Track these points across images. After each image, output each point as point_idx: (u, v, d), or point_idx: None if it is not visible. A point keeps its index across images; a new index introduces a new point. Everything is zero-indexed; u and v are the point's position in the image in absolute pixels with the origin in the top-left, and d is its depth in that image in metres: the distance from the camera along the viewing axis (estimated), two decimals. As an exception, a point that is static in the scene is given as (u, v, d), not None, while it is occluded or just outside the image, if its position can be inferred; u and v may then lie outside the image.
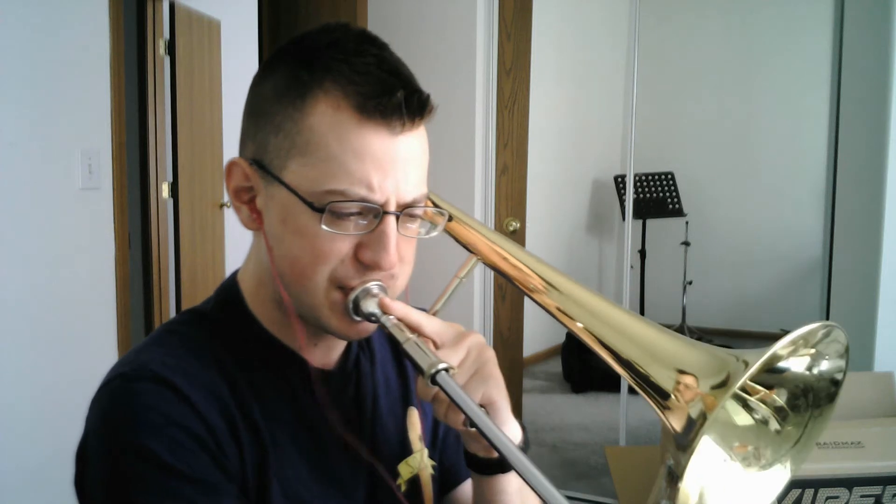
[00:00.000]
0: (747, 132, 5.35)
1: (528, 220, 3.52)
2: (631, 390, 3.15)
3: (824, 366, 0.72)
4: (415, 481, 0.86)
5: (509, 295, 3.45)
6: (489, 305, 3.39)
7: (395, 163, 0.70)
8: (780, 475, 0.74)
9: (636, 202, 4.82)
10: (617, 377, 3.37)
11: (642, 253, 5.08)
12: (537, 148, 3.82)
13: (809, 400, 0.72)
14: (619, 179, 5.01)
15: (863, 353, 2.35)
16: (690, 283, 5.10)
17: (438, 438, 0.92)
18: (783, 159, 5.20)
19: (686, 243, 5.12)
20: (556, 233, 5.20)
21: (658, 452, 2.14)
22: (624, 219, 3.54)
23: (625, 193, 3.70)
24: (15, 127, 2.22)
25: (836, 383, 0.72)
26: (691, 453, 0.64)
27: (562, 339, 4.64)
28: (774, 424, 0.73)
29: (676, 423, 0.66)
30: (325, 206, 0.69)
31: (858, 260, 2.48)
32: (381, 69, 0.70)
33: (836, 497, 1.61)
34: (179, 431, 0.68)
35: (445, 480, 0.92)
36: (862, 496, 1.61)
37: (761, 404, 0.74)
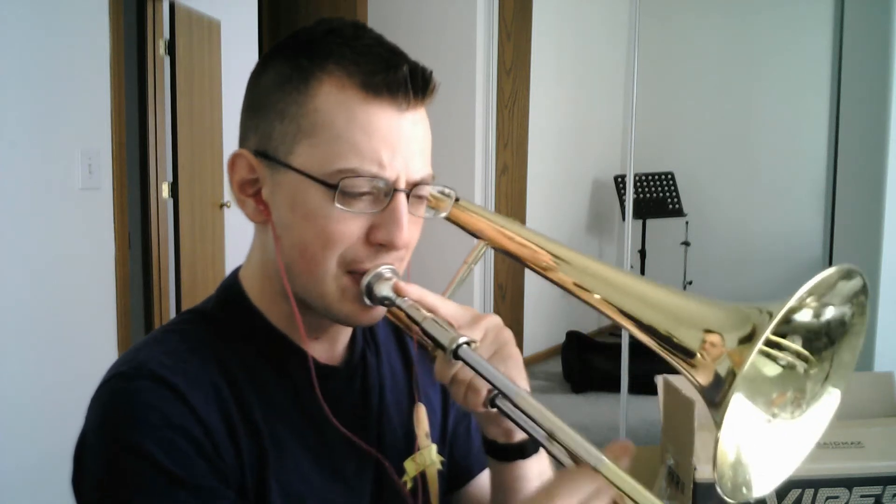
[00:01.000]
0: (747, 132, 5.35)
1: (528, 220, 3.52)
2: (631, 390, 3.15)
3: (832, 312, 0.71)
4: (421, 478, 0.85)
5: (509, 295, 3.45)
6: (489, 305, 3.39)
7: (403, 140, 0.70)
8: (830, 401, 0.74)
9: (636, 202, 4.82)
10: (617, 377, 3.34)
11: (642, 253, 5.09)
12: (537, 148, 3.82)
13: (828, 340, 0.72)
14: (619, 179, 5.01)
15: (863, 353, 2.34)
16: (690, 283, 5.10)
17: (447, 434, 0.91)
18: (783, 159, 5.21)
19: (686, 243, 5.13)
20: (556, 233, 5.16)
21: (658, 452, 2.14)
22: (624, 219, 3.55)
23: (625, 193, 3.70)
24: (15, 127, 2.22)
25: (854, 319, 0.72)
26: (725, 408, 0.63)
27: (562, 339, 4.64)
28: (802, 366, 0.73)
29: (704, 379, 0.66)
30: (337, 184, 0.69)
31: (858, 260, 2.48)
32: (382, 48, 0.71)
33: (836, 497, 1.61)
34: (177, 434, 0.67)
35: (456, 476, 0.91)
36: (862, 496, 1.61)
37: (781, 354, 0.73)
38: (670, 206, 5.08)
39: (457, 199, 0.83)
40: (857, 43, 2.51)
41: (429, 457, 0.86)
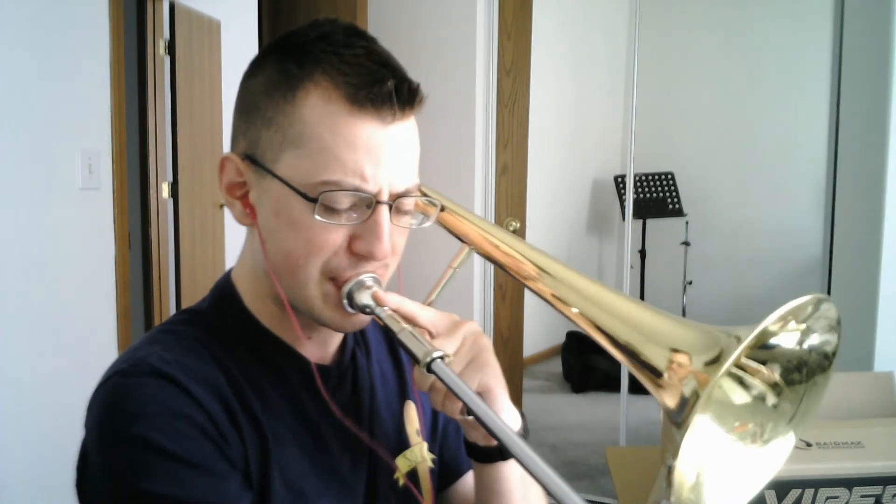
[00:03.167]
0: (747, 132, 5.35)
1: (528, 220, 3.52)
2: (631, 390, 3.15)
3: (815, 340, 0.72)
4: (413, 475, 0.86)
5: (509, 295, 3.45)
6: (489, 305, 3.39)
7: (387, 153, 0.71)
8: (784, 444, 0.74)
9: (636, 202, 4.82)
10: (617, 377, 3.34)
11: (642, 253, 5.09)
12: (537, 148, 3.82)
13: (803, 374, 0.72)
14: (619, 179, 5.01)
15: (863, 353, 2.35)
16: (690, 283, 5.10)
17: (438, 432, 0.92)
18: (783, 159, 5.20)
19: (686, 243, 5.12)
20: (556, 233, 5.20)
21: (658, 452, 2.14)
22: (624, 219, 3.54)
23: (625, 193, 3.70)
24: (15, 127, 2.22)
25: (829, 357, 0.72)
26: (685, 430, 0.64)
27: (562, 339, 4.64)
28: (771, 399, 0.73)
29: (670, 401, 0.66)
30: (318, 197, 0.69)
31: (858, 260, 2.48)
32: (370, 60, 0.71)
33: (836, 497, 1.61)
34: (181, 420, 0.68)
35: (446, 474, 0.92)
36: (862, 496, 1.61)
37: (756, 381, 0.73)
38: (670, 206, 5.08)
39: (442, 208, 0.84)
40: (857, 43, 2.51)
41: (420, 454, 0.86)
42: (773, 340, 0.71)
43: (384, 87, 0.70)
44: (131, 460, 0.66)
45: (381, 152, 0.70)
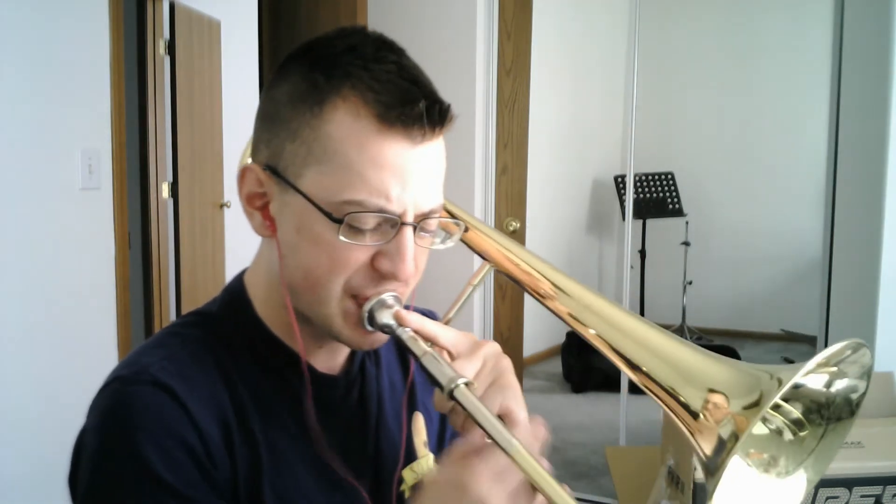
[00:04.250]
0: (747, 132, 5.35)
1: (528, 220, 3.52)
2: (631, 390, 3.15)
3: (844, 384, 0.70)
4: (419, 487, 0.85)
5: (509, 295, 3.45)
6: (489, 305, 3.39)
7: (414, 173, 0.70)
8: (797, 484, 0.72)
9: (636, 202, 4.82)
10: (617, 377, 3.33)
11: (642, 253, 5.09)
12: (537, 148, 3.82)
13: (826, 414, 0.71)
14: (619, 179, 5.01)
15: (863, 353, 2.34)
16: (690, 283, 5.10)
17: (444, 444, 0.91)
18: (783, 159, 5.21)
19: (686, 243, 5.13)
20: (556, 233, 5.20)
21: (658, 452, 2.14)
22: (624, 219, 3.55)
23: (625, 193, 3.70)
24: (15, 127, 2.22)
25: (853, 404, 0.71)
26: (720, 476, 0.62)
27: (562, 339, 4.64)
28: (788, 435, 0.71)
29: (706, 446, 0.64)
30: (343, 218, 0.68)
31: (858, 260, 2.48)
32: (401, 77, 0.69)
33: (836, 497, 1.61)
34: (173, 441, 0.67)
35: None
36: (862, 496, 1.61)
37: (776, 415, 0.72)
38: (670, 206, 5.09)
39: (466, 229, 0.82)
40: (858, 43, 2.51)
41: (426, 466, 0.86)
42: (802, 379, 0.69)
43: (415, 107, 0.68)
44: (119, 473, 0.67)
45: (408, 173, 0.69)
